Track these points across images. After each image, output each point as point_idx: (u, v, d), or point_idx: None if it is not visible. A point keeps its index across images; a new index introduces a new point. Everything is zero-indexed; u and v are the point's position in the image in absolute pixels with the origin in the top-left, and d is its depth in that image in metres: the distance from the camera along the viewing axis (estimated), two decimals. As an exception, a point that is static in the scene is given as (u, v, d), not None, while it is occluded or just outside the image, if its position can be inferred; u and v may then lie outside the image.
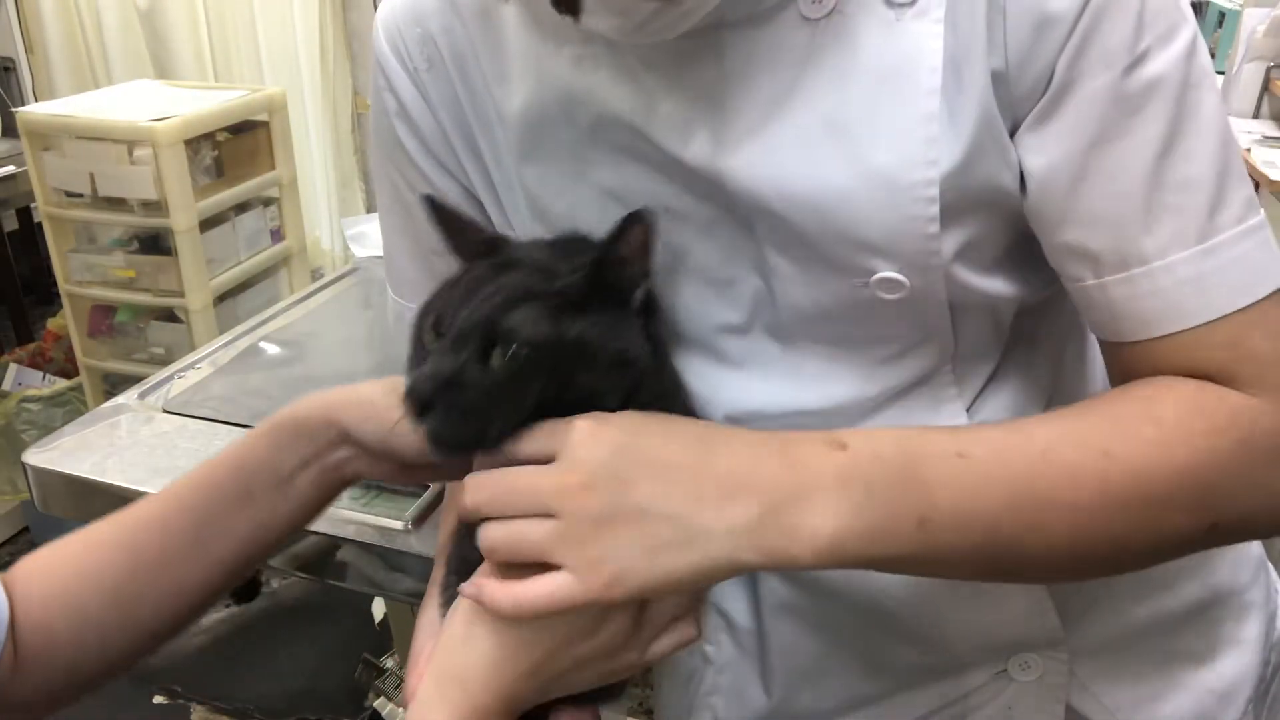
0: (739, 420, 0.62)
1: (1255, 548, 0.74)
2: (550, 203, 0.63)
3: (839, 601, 0.66)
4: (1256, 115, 2.31)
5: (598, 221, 0.59)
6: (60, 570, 0.61)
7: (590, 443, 0.50)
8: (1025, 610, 0.64)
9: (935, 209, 0.53)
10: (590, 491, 0.49)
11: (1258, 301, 0.52)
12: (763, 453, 0.51)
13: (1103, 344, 0.58)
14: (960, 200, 0.54)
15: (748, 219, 0.58)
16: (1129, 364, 0.56)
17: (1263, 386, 0.52)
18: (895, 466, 0.51)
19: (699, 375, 0.63)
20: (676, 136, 0.57)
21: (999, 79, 0.53)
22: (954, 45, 0.52)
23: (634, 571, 0.49)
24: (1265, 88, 2.26)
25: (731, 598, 0.71)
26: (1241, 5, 2.32)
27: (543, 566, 0.50)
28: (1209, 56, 0.54)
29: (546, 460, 0.51)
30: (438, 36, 0.65)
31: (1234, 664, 0.70)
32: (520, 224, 0.66)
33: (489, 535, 0.51)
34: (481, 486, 0.52)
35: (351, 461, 0.66)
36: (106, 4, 3.04)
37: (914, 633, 0.65)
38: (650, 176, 0.60)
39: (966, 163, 0.53)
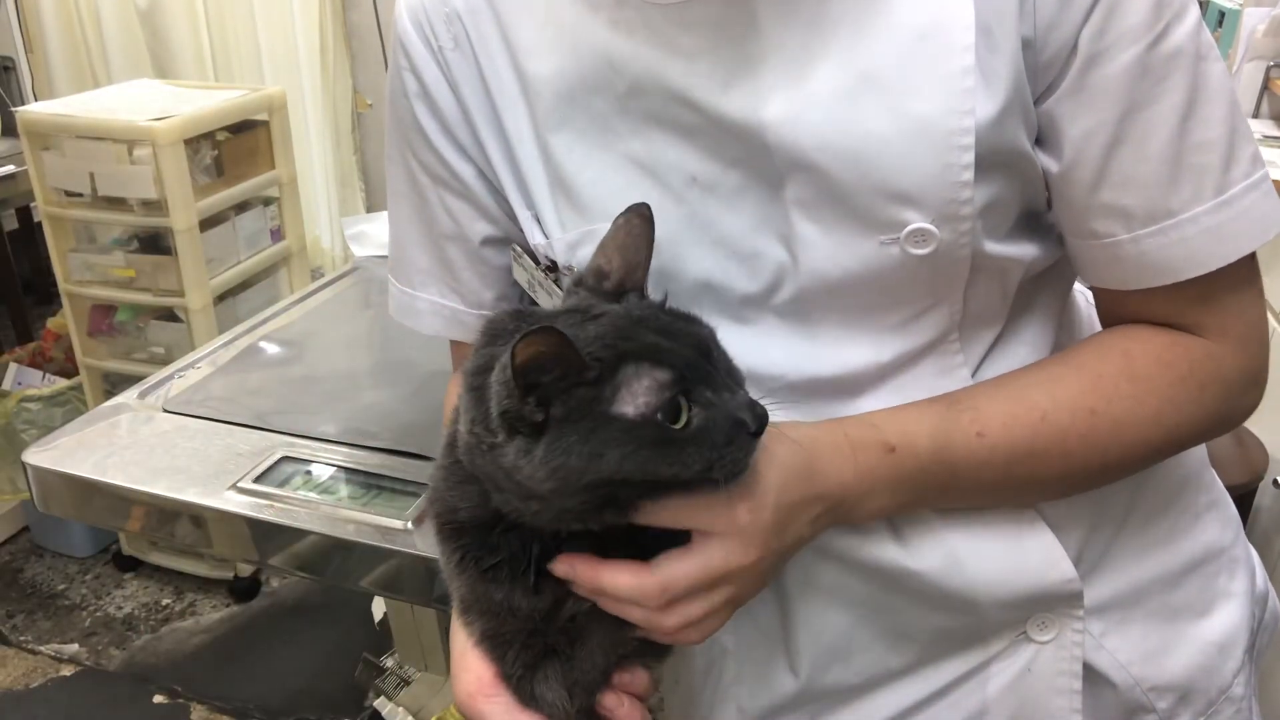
0: (760, 381, 0.65)
1: (1234, 510, 0.79)
2: (575, 172, 0.65)
3: (865, 571, 0.68)
4: (1256, 115, 2.30)
5: (622, 191, 0.63)
6: None
7: (758, 514, 0.57)
8: (1042, 557, 0.67)
9: (970, 156, 0.57)
10: (762, 561, 0.58)
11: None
12: (845, 466, 0.61)
13: (1100, 291, 0.67)
14: (989, 156, 0.58)
15: (779, 180, 0.60)
16: (1122, 309, 0.65)
17: (1225, 334, 0.62)
18: (930, 459, 0.61)
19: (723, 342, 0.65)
20: (716, 91, 0.59)
21: (1028, 45, 0.57)
22: (984, 9, 0.56)
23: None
24: (1265, 87, 2.25)
25: None
26: (1241, 5, 2.32)
27: None
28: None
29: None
30: (464, 15, 0.67)
31: (1229, 616, 0.74)
32: (540, 200, 0.67)
33: (682, 636, 0.58)
34: (656, 593, 0.56)
35: None
36: (106, 3, 3.05)
37: (939, 592, 0.67)
38: (679, 145, 0.62)
39: (998, 121, 0.57)
